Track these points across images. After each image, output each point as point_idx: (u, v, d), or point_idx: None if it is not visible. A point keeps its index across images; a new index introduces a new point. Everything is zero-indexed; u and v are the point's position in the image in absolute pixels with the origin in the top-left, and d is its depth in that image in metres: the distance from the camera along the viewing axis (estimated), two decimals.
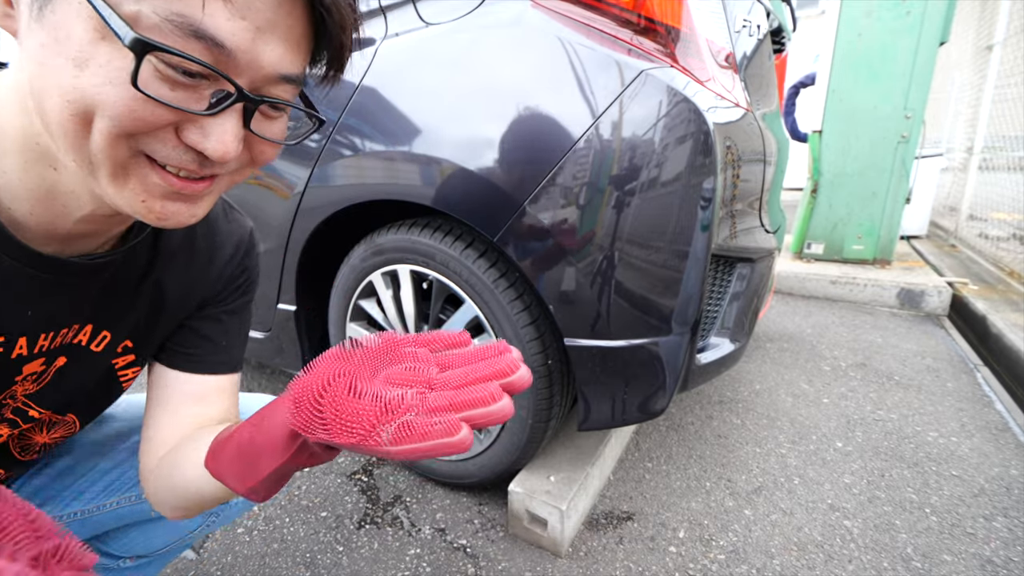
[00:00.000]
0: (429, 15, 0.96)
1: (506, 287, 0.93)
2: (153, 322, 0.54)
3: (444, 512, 1.14)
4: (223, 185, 0.41)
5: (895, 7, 2.43)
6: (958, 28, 3.90)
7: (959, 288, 2.42)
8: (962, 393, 1.64)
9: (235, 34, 0.32)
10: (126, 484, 0.65)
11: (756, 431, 1.44)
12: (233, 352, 0.60)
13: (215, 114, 0.34)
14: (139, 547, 0.70)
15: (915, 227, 3.64)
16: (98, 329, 0.50)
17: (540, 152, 0.83)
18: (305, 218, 1.10)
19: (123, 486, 0.65)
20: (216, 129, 0.35)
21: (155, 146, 0.34)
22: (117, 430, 0.68)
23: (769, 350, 2.00)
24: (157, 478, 0.53)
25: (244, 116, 0.36)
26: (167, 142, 0.35)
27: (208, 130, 0.35)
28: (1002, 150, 3.19)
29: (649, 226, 0.83)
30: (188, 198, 0.38)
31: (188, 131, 0.34)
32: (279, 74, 0.36)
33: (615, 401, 0.95)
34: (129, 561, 0.72)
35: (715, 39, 0.95)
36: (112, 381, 0.55)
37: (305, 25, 0.36)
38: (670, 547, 1.04)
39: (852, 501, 1.16)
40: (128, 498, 0.65)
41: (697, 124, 0.81)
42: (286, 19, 0.34)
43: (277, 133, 0.41)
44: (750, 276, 1.10)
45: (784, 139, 1.39)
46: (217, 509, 0.68)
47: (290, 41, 0.35)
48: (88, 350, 0.50)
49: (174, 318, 0.56)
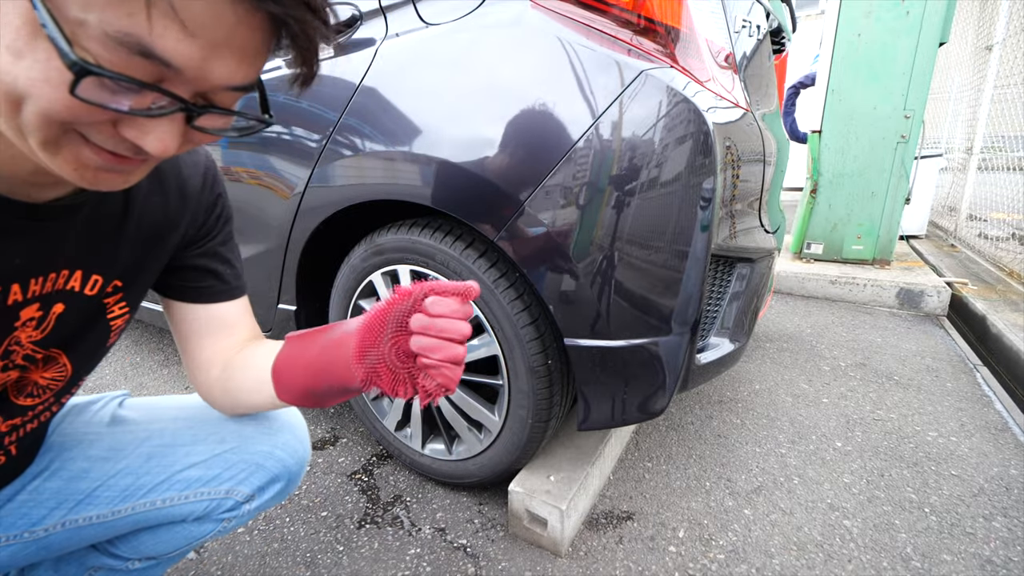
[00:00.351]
0: (429, 15, 0.96)
1: (506, 287, 0.94)
2: (141, 261, 0.56)
3: (444, 512, 1.14)
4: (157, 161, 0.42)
5: (894, 7, 2.44)
6: (958, 28, 3.91)
7: (958, 288, 2.43)
8: (961, 393, 1.65)
9: (183, 53, 0.31)
10: (142, 490, 0.65)
11: (756, 431, 1.44)
12: (241, 276, 0.66)
13: (155, 116, 0.33)
14: (149, 550, 0.70)
15: (914, 227, 3.64)
16: (88, 273, 0.51)
17: (540, 152, 0.84)
18: (305, 218, 1.10)
19: (138, 492, 0.65)
20: (156, 129, 0.34)
21: (90, 132, 0.34)
22: (131, 433, 0.68)
23: (769, 350, 2.00)
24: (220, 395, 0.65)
25: (187, 118, 0.36)
26: (103, 132, 0.34)
27: (147, 128, 0.34)
28: (1001, 150, 3.19)
29: (649, 226, 0.84)
30: (123, 171, 0.38)
31: (126, 127, 0.34)
32: (229, 85, 0.35)
33: (615, 401, 0.95)
34: (137, 563, 0.72)
35: (715, 39, 0.96)
36: (101, 318, 0.56)
37: (265, 32, 0.34)
38: (670, 547, 1.04)
39: (852, 501, 1.16)
40: (144, 504, 0.65)
41: (697, 124, 0.82)
42: (244, 33, 0.33)
43: (220, 125, 0.40)
44: (750, 276, 1.10)
45: (784, 139, 1.39)
46: (232, 514, 0.69)
47: (245, 54, 0.34)
48: (83, 295, 0.52)
49: (161, 256, 0.58)
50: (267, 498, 0.71)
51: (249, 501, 0.69)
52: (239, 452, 0.68)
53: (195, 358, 0.64)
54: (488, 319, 0.97)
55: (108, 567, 0.72)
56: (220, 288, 0.64)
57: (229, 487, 0.68)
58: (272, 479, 0.70)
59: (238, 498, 0.68)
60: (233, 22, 0.32)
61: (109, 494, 0.64)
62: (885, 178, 2.64)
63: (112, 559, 0.71)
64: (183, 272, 0.62)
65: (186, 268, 0.62)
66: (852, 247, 2.81)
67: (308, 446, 0.75)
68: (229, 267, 0.64)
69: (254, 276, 1.26)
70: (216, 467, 0.67)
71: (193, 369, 0.65)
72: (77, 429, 0.67)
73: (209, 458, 0.67)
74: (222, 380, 0.63)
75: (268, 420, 0.72)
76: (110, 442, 0.67)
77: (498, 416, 1.05)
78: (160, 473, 0.66)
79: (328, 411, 1.56)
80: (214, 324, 0.64)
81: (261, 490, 0.70)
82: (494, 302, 0.95)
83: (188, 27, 0.30)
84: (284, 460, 0.71)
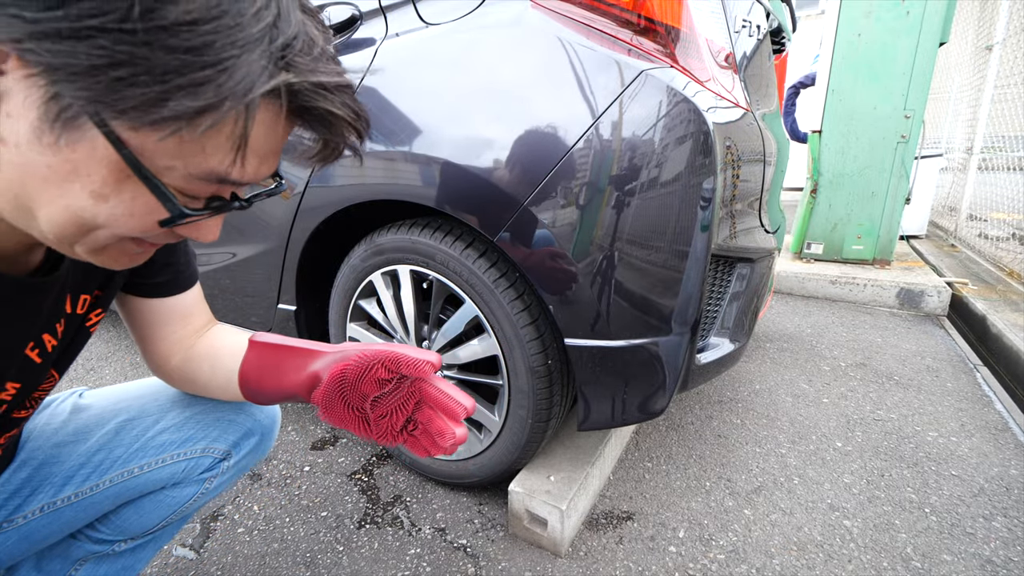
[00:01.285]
0: (429, 15, 0.96)
1: (506, 287, 0.94)
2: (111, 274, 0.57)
3: (444, 512, 1.14)
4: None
5: (895, 7, 2.43)
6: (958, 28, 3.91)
7: (959, 288, 2.42)
8: (962, 393, 1.64)
9: (249, 174, 0.37)
10: (116, 461, 0.65)
11: (756, 431, 1.44)
12: (192, 264, 0.67)
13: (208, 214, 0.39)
14: (134, 527, 0.70)
15: (915, 227, 3.64)
16: (77, 296, 0.53)
17: (540, 152, 0.83)
18: (305, 218, 1.10)
19: (113, 464, 0.65)
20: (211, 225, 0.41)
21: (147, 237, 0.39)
22: (96, 416, 0.68)
23: (769, 350, 2.00)
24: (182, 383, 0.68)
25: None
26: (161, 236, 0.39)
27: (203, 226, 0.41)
28: (1001, 150, 3.19)
29: (649, 226, 0.84)
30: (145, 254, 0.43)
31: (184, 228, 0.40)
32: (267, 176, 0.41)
33: (615, 401, 0.95)
34: (123, 544, 0.72)
35: (715, 39, 0.95)
36: (83, 328, 0.57)
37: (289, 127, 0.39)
38: (670, 547, 1.04)
39: (852, 501, 1.16)
40: (121, 474, 0.65)
41: (697, 124, 0.82)
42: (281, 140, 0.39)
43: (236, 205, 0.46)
44: (750, 276, 1.10)
45: (784, 139, 1.39)
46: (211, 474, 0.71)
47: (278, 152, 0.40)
48: (75, 315, 0.54)
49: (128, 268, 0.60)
50: (243, 454, 0.72)
51: (227, 458, 0.71)
52: (210, 412, 0.70)
53: (154, 350, 0.65)
54: (488, 319, 0.97)
55: (94, 555, 0.71)
56: (176, 280, 0.65)
57: (204, 445, 0.69)
58: (246, 433, 0.72)
59: (216, 455, 0.70)
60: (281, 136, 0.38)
61: (84, 471, 0.65)
62: (885, 178, 2.64)
63: (97, 545, 0.71)
64: (141, 270, 0.62)
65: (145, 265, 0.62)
66: (852, 247, 2.81)
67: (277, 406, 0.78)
68: (183, 257, 0.65)
69: (254, 276, 1.26)
70: (188, 428, 0.68)
71: (152, 360, 0.66)
72: (38, 423, 0.67)
73: (180, 421, 0.68)
74: (183, 371, 0.66)
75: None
76: (75, 427, 0.67)
77: (498, 416, 1.04)
78: (132, 443, 0.66)
79: None
80: (172, 315, 0.65)
81: (237, 445, 0.71)
82: (494, 302, 0.94)
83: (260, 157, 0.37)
84: (255, 414, 0.73)
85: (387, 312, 1.13)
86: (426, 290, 1.09)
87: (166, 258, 0.62)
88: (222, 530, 1.10)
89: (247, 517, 1.14)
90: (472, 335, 1.05)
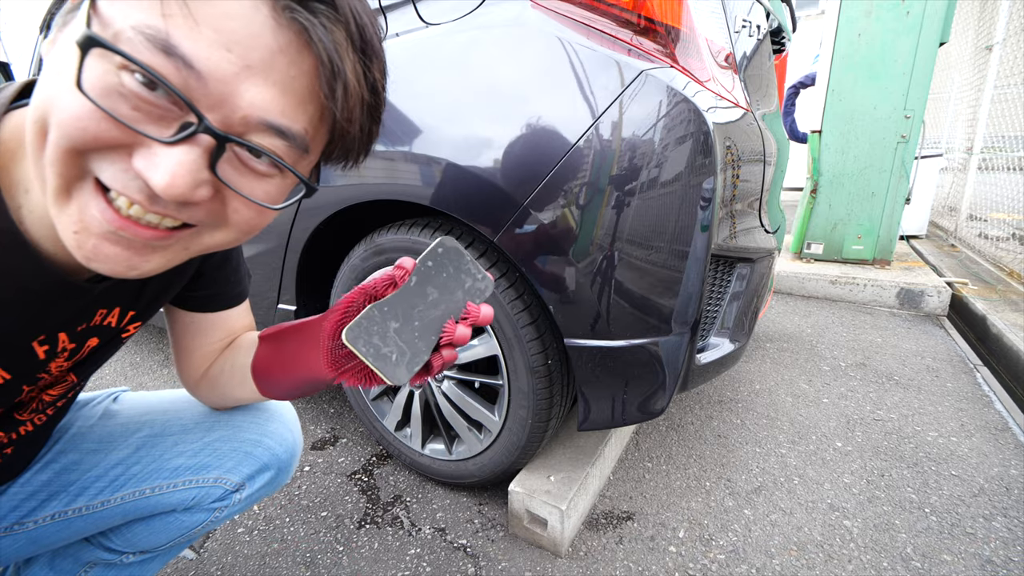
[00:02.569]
0: (429, 15, 0.96)
1: (506, 287, 0.94)
2: (161, 292, 0.57)
3: (444, 512, 1.14)
4: (184, 244, 0.37)
5: (895, 7, 2.43)
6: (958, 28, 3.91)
7: (959, 288, 2.42)
8: (962, 393, 1.64)
9: (211, 59, 0.29)
10: (131, 479, 0.65)
11: (756, 431, 1.44)
12: (243, 283, 0.67)
13: (171, 143, 0.30)
14: (143, 543, 0.70)
15: (915, 227, 3.64)
16: (112, 308, 0.52)
17: (540, 152, 0.83)
18: (305, 218, 1.10)
19: (128, 481, 0.65)
20: (168, 159, 0.31)
21: (103, 165, 0.31)
22: (122, 425, 0.68)
23: (769, 350, 2.00)
24: (208, 392, 0.67)
25: (211, 157, 0.32)
26: (117, 163, 0.31)
27: (159, 159, 0.31)
28: (1001, 150, 3.19)
29: (649, 226, 0.84)
30: (130, 244, 0.34)
31: (138, 155, 0.31)
32: (264, 120, 0.32)
33: (615, 401, 0.95)
34: (132, 556, 0.72)
35: (715, 39, 0.95)
36: (118, 338, 0.57)
37: (313, 83, 0.33)
38: (670, 547, 1.04)
39: (852, 501, 1.16)
40: (133, 493, 0.65)
41: (697, 124, 0.82)
42: (287, 67, 0.32)
43: (259, 193, 0.36)
44: (750, 276, 1.10)
45: (784, 139, 1.39)
46: (222, 503, 0.70)
47: (288, 91, 0.32)
48: (110, 328, 0.53)
49: (180, 284, 0.60)
50: (257, 487, 0.71)
51: (239, 490, 0.69)
52: (228, 441, 0.69)
53: (189, 358, 0.65)
54: None
55: (104, 561, 0.72)
56: (225, 298, 0.65)
57: (218, 475, 0.68)
58: (262, 467, 0.70)
59: (227, 487, 0.68)
60: (273, 48, 0.31)
61: (99, 484, 0.64)
62: (885, 178, 2.64)
63: (107, 553, 0.71)
64: (196, 286, 0.63)
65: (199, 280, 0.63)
66: (852, 247, 2.81)
67: (299, 436, 0.76)
68: (235, 274, 0.66)
69: (254, 276, 1.26)
70: (204, 456, 0.68)
71: (185, 366, 0.66)
72: (72, 423, 0.67)
73: (198, 447, 0.68)
74: (211, 377, 0.66)
75: (257, 410, 0.72)
76: (100, 434, 0.67)
77: (498, 416, 1.04)
78: (149, 463, 0.66)
79: (328, 411, 1.56)
80: (215, 328, 0.65)
81: (251, 479, 0.70)
82: (494, 302, 0.94)
83: (222, 38, 0.29)
84: (273, 448, 0.71)
85: None
86: None
87: (217, 276, 0.63)
88: (222, 530, 1.10)
89: (247, 517, 1.14)
90: (472, 335, 1.05)
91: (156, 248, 0.35)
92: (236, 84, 0.31)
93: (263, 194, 0.37)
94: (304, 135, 0.35)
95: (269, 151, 0.34)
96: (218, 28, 0.29)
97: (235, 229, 0.38)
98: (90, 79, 0.29)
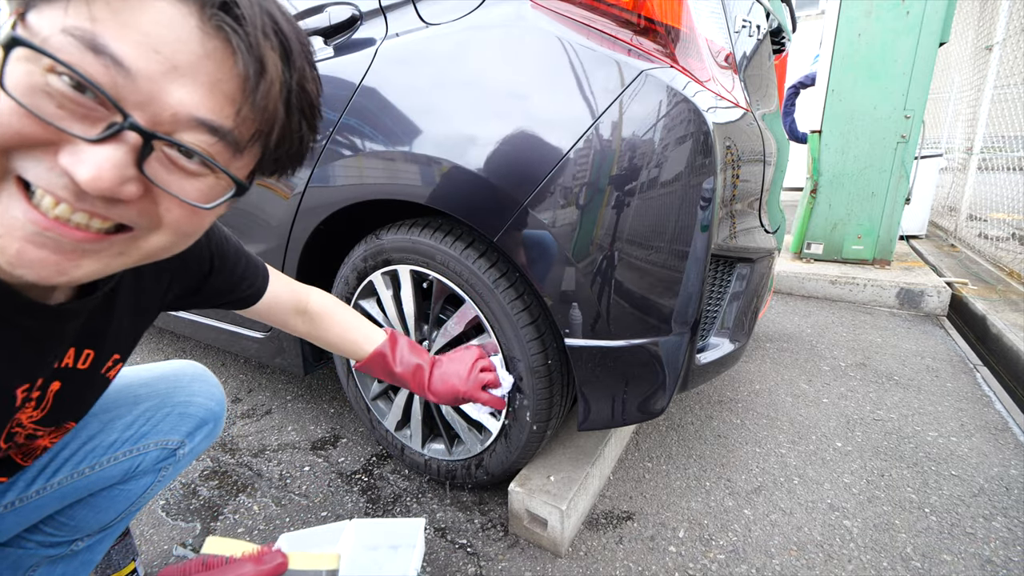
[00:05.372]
0: (429, 15, 0.96)
1: (506, 287, 0.94)
2: (136, 326, 0.57)
3: (444, 512, 1.14)
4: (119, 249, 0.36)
5: (895, 7, 2.43)
6: (958, 28, 3.91)
7: (958, 288, 2.43)
8: (961, 393, 1.65)
9: (140, 58, 0.30)
10: (66, 463, 0.64)
11: (756, 431, 1.44)
12: (260, 270, 0.73)
13: (97, 141, 0.31)
14: (90, 524, 0.69)
15: (914, 227, 3.64)
16: (80, 349, 0.51)
17: (540, 152, 0.83)
18: (305, 218, 1.10)
19: (63, 465, 0.63)
20: (94, 155, 0.30)
21: (28, 163, 0.31)
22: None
23: (769, 350, 2.00)
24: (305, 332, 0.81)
25: (138, 155, 0.32)
26: (42, 161, 0.31)
27: (85, 155, 0.31)
28: (1001, 150, 3.19)
29: (649, 226, 0.84)
30: (58, 247, 0.33)
31: (64, 152, 0.31)
32: (194, 116, 0.32)
33: (615, 401, 0.95)
34: (81, 543, 0.71)
35: (715, 39, 0.95)
36: (98, 377, 0.57)
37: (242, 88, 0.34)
38: (670, 547, 1.04)
39: (852, 501, 1.16)
40: (71, 476, 0.64)
41: (697, 124, 0.82)
42: (214, 71, 0.32)
43: (191, 192, 0.36)
44: (750, 276, 1.10)
45: (784, 139, 1.39)
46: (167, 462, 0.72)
47: (216, 92, 0.33)
48: (76, 370, 0.51)
49: (153, 314, 0.61)
50: (198, 441, 0.75)
51: (181, 447, 0.73)
52: (159, 408, 0.71)
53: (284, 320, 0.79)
54: (488, 319, 0.97)
55: (49, 558, 0.69)
56: (240, 302, 0.71)
57: (157, 439, 0.70)
58: (199, 423, 0.75)
59: (170, 446, 0.72)
60: (200, 53, 0.31)
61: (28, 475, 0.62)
62: (885, 178, 2.64)
63: (50, 548, 0.68)
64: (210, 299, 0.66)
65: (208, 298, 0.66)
66: (852, 247, 2.81)
67: (221, 389, 0.81)
68: (244, 270, 0.68)
69: None
70: (138, 425, 0.69)
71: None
72: None
73: (129, 420, 0.69)
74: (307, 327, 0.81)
75: (175, 376, 0.76)
76: None
77: (498, 416, 1.04)
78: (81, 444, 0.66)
79: (328, 411, 1.56)
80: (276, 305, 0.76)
81: (190, 435, 0.74)
82: (494, 302, 0.94)
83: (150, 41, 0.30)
84: (206, 404, 0.76)
85: (387, 312, 1.13)
86: (426, 290, 1.09)
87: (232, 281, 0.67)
88: (222, 530, 1.09)
89: (247, 517, 1.14)
90: (472, 335, 1.05)
91: (87, 252, 0.34)
92: (164, 83, 0.31)
93: (195, 193, 0.36)
94: (234, 132, 0.35)
95: (199, 149, 0.34)
96: (147, 32, 0.30)
97: (170, 231, 0.37)
98: (13, 77, 0.29)
